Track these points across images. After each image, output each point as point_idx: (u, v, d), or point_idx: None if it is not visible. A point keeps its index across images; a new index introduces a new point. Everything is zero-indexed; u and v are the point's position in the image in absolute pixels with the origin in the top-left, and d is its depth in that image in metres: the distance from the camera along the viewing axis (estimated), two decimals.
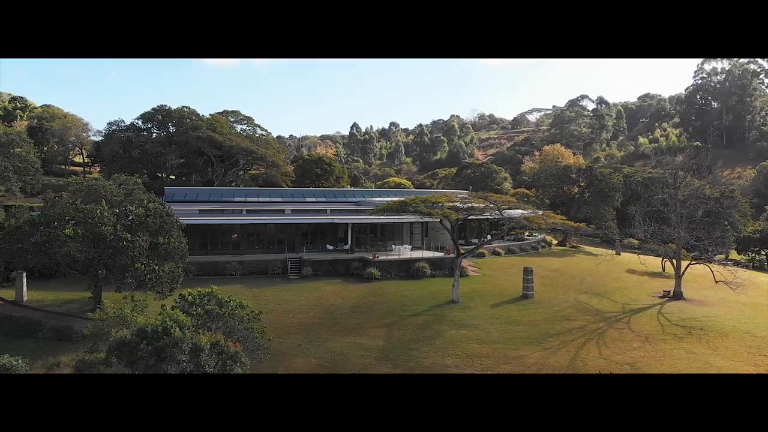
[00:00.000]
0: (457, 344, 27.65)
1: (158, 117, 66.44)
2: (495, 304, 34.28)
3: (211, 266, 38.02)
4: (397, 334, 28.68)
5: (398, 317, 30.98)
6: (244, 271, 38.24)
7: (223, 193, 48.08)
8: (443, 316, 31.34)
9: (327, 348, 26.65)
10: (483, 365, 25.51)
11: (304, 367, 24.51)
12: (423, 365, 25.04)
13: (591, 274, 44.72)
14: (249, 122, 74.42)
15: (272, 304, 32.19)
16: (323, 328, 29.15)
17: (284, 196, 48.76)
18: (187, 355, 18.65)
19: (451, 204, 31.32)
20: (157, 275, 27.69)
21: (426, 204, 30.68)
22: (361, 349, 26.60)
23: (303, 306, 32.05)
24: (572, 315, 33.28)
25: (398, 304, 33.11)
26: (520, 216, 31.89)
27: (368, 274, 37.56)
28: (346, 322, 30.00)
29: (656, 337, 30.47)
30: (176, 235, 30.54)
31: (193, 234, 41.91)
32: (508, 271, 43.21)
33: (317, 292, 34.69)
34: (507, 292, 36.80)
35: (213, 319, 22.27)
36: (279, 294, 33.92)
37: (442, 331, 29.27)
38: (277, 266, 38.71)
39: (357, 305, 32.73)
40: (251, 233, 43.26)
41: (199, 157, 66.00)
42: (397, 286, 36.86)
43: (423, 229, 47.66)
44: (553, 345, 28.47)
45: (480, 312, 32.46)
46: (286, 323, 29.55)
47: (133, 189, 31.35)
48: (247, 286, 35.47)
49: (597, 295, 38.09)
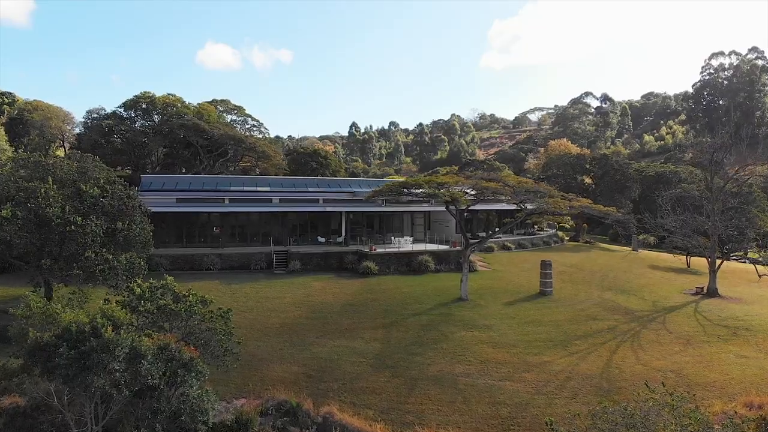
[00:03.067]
0: (467, 348, 23.27)
1: (141, 105, 62.10)
2: (509, 302, 29.90)
3: (185, 260, 33.65)
4: (396, 336, 24.28)
5: (398, 317, 26.59)
6: (224, 266, 33.89)
7: (205, 182, 43.66)
8: (450, 316, 26.95)
9: (313, 353, 22.24)
10: (500, 374, 21.12)
11: (283, 377, 20.10)
12: (428, 373, 20.64)
13: (612, 270, 40.40)
14: (240, 112, 70.14)
15: (251, 301, 27.79)
16: (310, 329, 24.75)
17: (272, 185, 44.35)
18: (122, 362, 14.23)
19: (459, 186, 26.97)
20: (111, 266, 23.27)
21: (431, 184, 26.29)
22: (354, 354, 22.21)
23: (287, 304, 27.65)
24: (599, 314, 28.92)
25: (398, 302, 28.72)
26: (541, 200, 27.48)
27: (364, 268, 33.21)
28: (338, 322, 25.60)
29: (698, 338, 26.18)
30: (139, 221, 26.12)
31: (169, 225, 37.58)
32: (520, 266, 38.85)
33: (305, 288, 30.29)
34: (522, 289, 32.41)
35: (169, 318, 17.88)
36: (260, 290, 29.52)
37: (449, 332, 24.89)
38: (261, 260, 34.34)
39: (350, 303, 28.34)
40: (234, 224, 38.89)
41: (185, 148, 61.64)
42: (397, 282, 32.48)
43: (425, 220, 43.25)
44: (581, 349, 24.11)
45: (493, 311, 28.07)
46: (267, 324, 25.15)
47: (90, 167, 26.93)
48: (225, 281, 31.09)
49: (623, 293, 33.77)
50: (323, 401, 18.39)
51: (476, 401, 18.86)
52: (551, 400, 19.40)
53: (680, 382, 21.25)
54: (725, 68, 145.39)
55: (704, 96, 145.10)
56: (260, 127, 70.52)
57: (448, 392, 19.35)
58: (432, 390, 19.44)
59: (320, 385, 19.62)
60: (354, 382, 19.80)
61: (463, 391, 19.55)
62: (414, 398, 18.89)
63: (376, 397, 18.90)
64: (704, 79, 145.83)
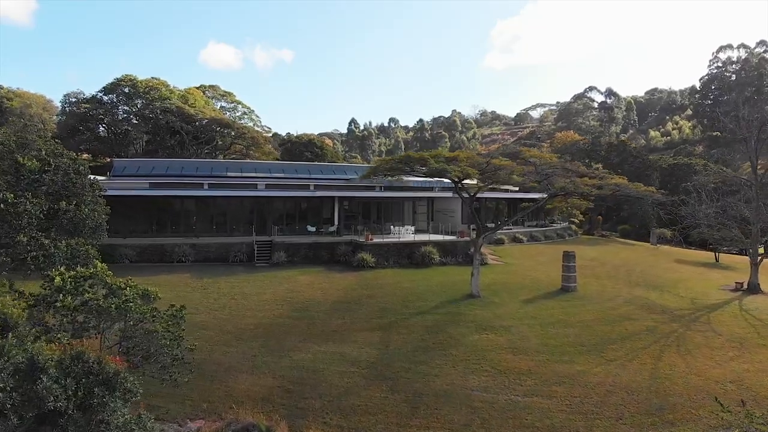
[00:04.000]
0: (482, 354, 19.09)
1: (123, 89, 57.84)
2: (527, 299, 25.71)
3: (154, 250, 29.47)
4: (396, 340, 20.08)
5: (398, 316, 22.40)
6: (198, 257, 29.72)
7: (184, 167, 39.51)
8: (460, 315, 22.75)
9: (294, 360, 18.05)
10: (525, 387, 16.94)
11: (253, 391, 15.91)
12: (435, 387, 16.47)
13: (638, 264, 36.23)
14: (229, 98, 65.85)
15: (225, 298, 23.59)
16: (292, 331, 20.55)
17: (259, 171, 40.21)
18: (13, 377, 10.01)
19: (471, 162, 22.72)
20: (47, 253, 19.02)
21: (438, 159, 22.04)
22: (343, 362, 18.02)
23: (267, 301, 23.44)
24: (633, 313, 24.75)
25: (398, 299, 24.53)
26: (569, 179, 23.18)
27: (359, 260, 29.05)
28: (325, 322, 21.40)
29: (752, 341, 22.07)
30: (90, 201, 21.87)
31: (139, 212, 33.39)
32: (535, 258, 34.70)
33: (289, 283, 26.07)
34: (540, 284, 28.22)
35: (97, 316, 13.65)
36: (237, 285, 25.31)
37: (460, 335, 20.70)
38: (241, 251, 30.16)
39: (342, 300, 24.14)
40: (213, 212, 34.64)
41: (171, 135, 57.41)
42: (397, 276, 28.28)
43: (428, 209, 39.04)
44: (619, 355, 19.93)
45: (509, 309, 23.89)
46: (240, 325, 20.94)
47: (32, 139, 22.68)
48: (197, 275, 26.90)
49: (655, 289, 29.61)
50: (302, 424, 14.25)
51: (498, 424, 14.70)
52: (591, 422, 15.25)
53: (745, 396, 17.16)
54: (733, 62, 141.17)
55: (711, 90, 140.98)
56: (251, 114, 66.29)
57: (461, 412, 15.18)
58: (441, 409, 15.27)
59: (299, 402, 15.44)
60: (342, 399, 15.62)
61: (480, 410, 15.38)
62: (418, 420, 14.73)
63: (370, 418, 14.72)
64: (712, 72, 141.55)
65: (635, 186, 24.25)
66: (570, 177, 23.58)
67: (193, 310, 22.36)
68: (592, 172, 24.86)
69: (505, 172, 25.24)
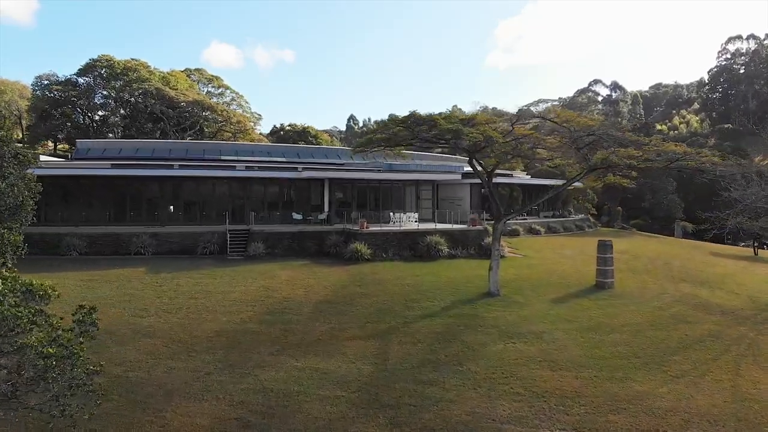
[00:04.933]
0: (511, 370, 14.50)
1: (100, 71, 53.15)
2: (557, 297, 21.10)
3: (109, 241, 24.91)
4: (397, 351, 15.47)
5: (400, 320, 17.77)
6: (161, 249, 25.16)
7: (155, 148, 34.90)
8: (477, 318, 18.13)
9: (260, 380, 13.44)
10: (573, 417, 12.36)
11: (200, 426, 11.32)
12: (451, 419, 11.89)
13: (674, 257, 31.68)
14: (216, 82, 61.14)
15: (182, 298, 18.95)
16: (262, 340, 15.93)
17: (241, 153, 35.59)
18: None
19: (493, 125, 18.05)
20: None
21: (450, 120, 17.33)
22: (327, 383, 13.41)
23: (235, 302, 18.79)
24: (688, 315, 20.17)
25: (399, 298, 19.91)
26: (614, 147, 18.48)
27: (352, 252, 24.47)
28: (307, 329, 16.77)
29: None
30: (12, 176, 17.32)
31: (98, 198, 28.77)
32: (558, 251, 30.14)
33: (266, 278, 21.42)
34: (569, 280, 23.64)
35: None
36: (200, 282, 20.67)
37: (479, 344, 16.10)
38: (211, 242, 25.59)
39: (329, 300, 19.50)
40: (183, 198, 29.94)
41: (152, 122, 52.76)
42: (398, 271, 23.66)
43: (434, 194, 34.39)
44: (686, 369, 15.37)
45: (537, 310, 19.29)
46: (196, 332, 16.30)
47: None
48: (153, 269, 22.27)
49: (703, 285, 25.06)
50: None
51: None
52: None
53: None
54: (742, 53, 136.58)
55: (720, 82, 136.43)
56: (240, 100, 61.52)
57: None
58: None
59: None
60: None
61: None
62: None
63: None
64: (720, 64, 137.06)
65: (704, 155, 19.44)
66: (611, 147, 18.96)
67: (140, 312, 17.75)
68: (640, 140, 20.22)
69: (529, 145, 20.62)
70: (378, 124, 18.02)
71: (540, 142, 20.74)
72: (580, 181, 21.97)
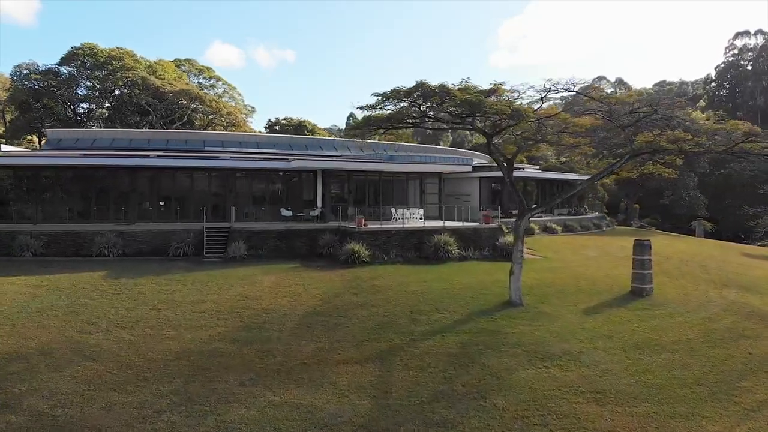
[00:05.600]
0: (547, 405, 11.34)
1: (83, 60, 49.92)
2: (589, 307, 17.91)
3: (69, 240, 21.76)
4: (402, 379, 12.26)
5: (404, 337, 14.58)
6: (128, 250, 21.98)
7: (133, 138, 31.69)
8: (499, 335, 14.92)
9: (223, 422, 10.27)
10: None
11: None
12: None
13: (707, 259, 28.51)
14: (208, 73, 57.94)
15: (143, 308, 15.75)
16: (233, 364, 12.72)
17: (228, 145, 32.40)
18: None
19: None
20: None
21: (467, 91, 14.06)
22: (312, 425, 10.23)
23: (205, 313, 15.58)
24: (744, 327, 17.00)
25: (404, 310, 16.69)
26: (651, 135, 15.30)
27: (348, 253, 21.27)
28: (290, 349, 13.55)
29: None
30: None
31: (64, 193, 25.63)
32: (580, 252, 26.98)
33: (245, 285, 18.19)
34: (600, 286, 20.45)
35: None
36: (167, 289, 17.45)
37: (503, 369, 12.90)
38: (185, 241, 22.38)
39: (319, 312, 16.28)
40: (157, 192, 26.67)
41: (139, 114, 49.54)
42: (402, 275, 20.43)
43: (439, 188, 31.10)
44: (760, 398, 12.33)
45: (569, 323, 16.10)
46: (152, 353, 13.10)
47: None
48: (114, 273, 19.07)
49: (749, 290, 21.91)
50: None
51: None
52: None
53: None
54: (749, 49, 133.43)
55: (727, 78, 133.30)
56: (233, 92, 58.27)
57: None
58: None
59: None
60: None
61: None
62: None
63: None
64: (728, 60, 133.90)
65: None
66: (655, 129, 15.80)
67: (87, 327, 14.58)
68: (690, 120, 17.08)
69: (555, 128, 17.44)
70: (378, 99, 14.82)
71: (568, 125, 17.53)
72: (616, 171, 18.85)
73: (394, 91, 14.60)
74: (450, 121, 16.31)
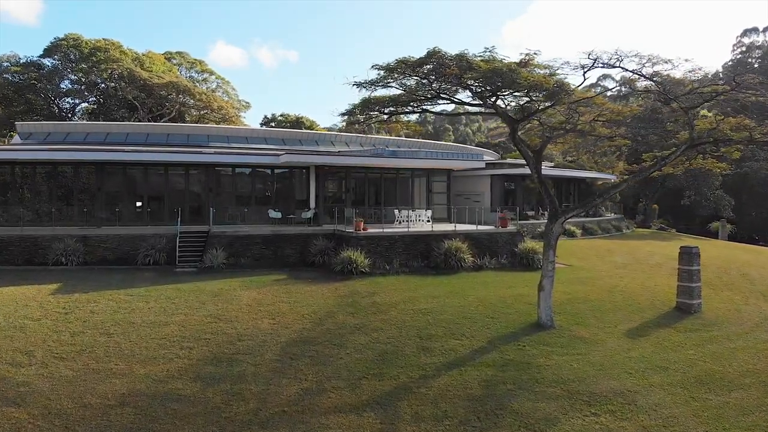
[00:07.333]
0: None
1: (66, 52, 47.09)
2: (632, 328, 15.01)
3: (21, 246, 18.89)
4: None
5: (412, 372, 11.67)
6: (90, 257, 19.15)
7: (110, 132, 28.82)
8: (529, 368, 12.00)
9: None
10: None
11: None
12: None
13: (745, 266, 25.57)
14: (200, 66, 55.08)
15: (92, 332, 12.87)
16: (193, 413, 9.81)
17: (214, 140, 29.53)
18: None
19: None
20: None
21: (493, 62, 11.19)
22: None
23: (167, 339, 12.69)
24: None
25: (411, 333, 13.78)
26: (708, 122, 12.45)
27: (344, 263, 18.39)
28: (267, 391, 10.65)
29: None
30: None
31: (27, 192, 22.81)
32: (607, 259, 24.07)
33: (219, 302, 15.30)
34: (639, 300, 17.54)
35: None
36: (126, 307, 14.55)
37: (541, 420, 9.98)
38: (156, 248, 19.48)
39: (307, 338, 13.36)
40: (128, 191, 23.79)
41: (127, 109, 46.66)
42: (407, 289, 17.52)
43: (447, 187, 28.11)
44: None
45: (612, 350, 13.20)
46: (91, 397, 10.21)
47: None
48: (67, 287, 16.21)
49: None
50: None
51: None
52: None
53: None
54: (757, 46, 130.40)
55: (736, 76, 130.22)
56: (226, 87, 55.36)
57: None
58: None
59: None
60: None
61: None
62: None
63: None
64: (736, 58, 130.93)
65: None
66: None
67: (19, 358, 11.76)
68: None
69: (590, 114, 14.55)
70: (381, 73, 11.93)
71: (604, 112, 14.66)
72: (669, 163, 15.97)
73: (401, 62, 11.74)
74: (469, 104, 13.47)
